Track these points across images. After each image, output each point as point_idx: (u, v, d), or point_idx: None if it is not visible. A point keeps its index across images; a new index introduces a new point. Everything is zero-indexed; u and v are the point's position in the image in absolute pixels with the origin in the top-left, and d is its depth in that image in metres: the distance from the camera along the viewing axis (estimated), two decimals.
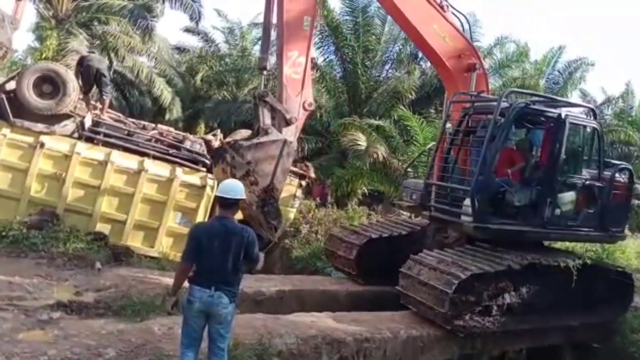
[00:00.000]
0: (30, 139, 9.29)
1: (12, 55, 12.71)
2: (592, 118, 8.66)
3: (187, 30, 24.61)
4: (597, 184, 8.26)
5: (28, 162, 9.26)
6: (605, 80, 57.04)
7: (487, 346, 7.58)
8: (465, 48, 9.17)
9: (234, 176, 7.00)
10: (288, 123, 7.51)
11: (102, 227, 9.55)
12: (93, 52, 12.07)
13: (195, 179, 10.07)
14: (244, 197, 4.89)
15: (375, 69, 19.14)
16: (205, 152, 10.45)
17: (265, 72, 8.10)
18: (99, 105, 10.64)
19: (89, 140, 9.73)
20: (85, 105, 10.34)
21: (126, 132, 10.25)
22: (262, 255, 5.00)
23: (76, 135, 9.67)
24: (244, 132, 11.86)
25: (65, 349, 5.20)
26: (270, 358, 5.69)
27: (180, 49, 26.25)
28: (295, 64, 7.57)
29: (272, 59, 9.11)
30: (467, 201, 7.50)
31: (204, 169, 10.23)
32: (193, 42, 26.00)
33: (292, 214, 11.20)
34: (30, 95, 9.25)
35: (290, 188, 10.94)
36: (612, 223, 8.57)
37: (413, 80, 17.57)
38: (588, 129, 8.46)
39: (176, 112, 21.56)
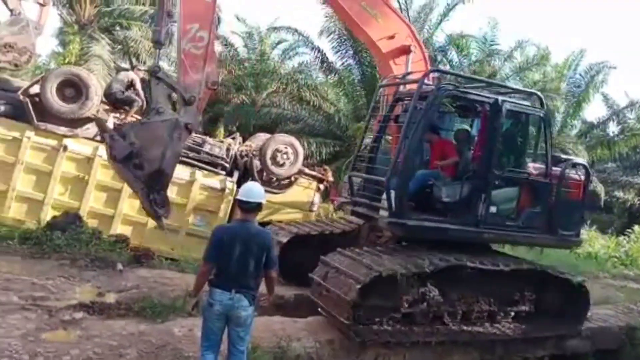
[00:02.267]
0: (53, 142, 9.46)
1: (36, 60, 12.91)
2: (539, 106, 7.61)
3: None
4: (543, 180, 7.38)
5: (51, 165, 9.43)
6: (629, 84, 56.08)
7: (508, 352, 7.46)
8: (398, 28, 8.44)
9: (114, 158, 6.37)
10: (187, 103, 6.67)
11: (124, 229, 9.68)
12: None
13: (215, 181, 10.16)
14: (264, 200, 4.88)
15: None
16: (224, 156, 10.53)
17: (159, 46, 7.11)
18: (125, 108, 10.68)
19: None
20: (108, 108, 10.45)
21: None
22: None
23: (98, 138, 9.80)
24: (263, 136, 11.96)
25: (87, 349, 5.28)
26: None
27: None
28: (196, 38, 6.63)
29: None
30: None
31: (224, 172, 10.30)
32: None
33: (311, 217, 11.20)
34: (53, 99, 9.39)
35: (308, 192, 10.97)
36: (562, 225, 7.53)
37: None
38: (533, 118, 7.52)
39: None
